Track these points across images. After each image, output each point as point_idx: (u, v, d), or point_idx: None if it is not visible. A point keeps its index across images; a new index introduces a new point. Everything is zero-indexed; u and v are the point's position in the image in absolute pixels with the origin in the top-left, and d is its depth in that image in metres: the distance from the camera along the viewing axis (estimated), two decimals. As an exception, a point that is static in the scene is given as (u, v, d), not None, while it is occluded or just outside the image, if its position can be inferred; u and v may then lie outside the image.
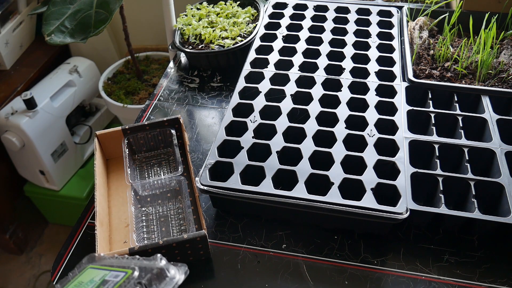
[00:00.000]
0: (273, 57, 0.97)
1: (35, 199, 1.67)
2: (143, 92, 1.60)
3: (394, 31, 1.03)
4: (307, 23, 1.07)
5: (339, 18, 1.08)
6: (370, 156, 0.74)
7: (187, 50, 1.05)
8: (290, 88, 0.89)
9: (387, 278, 0.67)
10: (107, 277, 0.49)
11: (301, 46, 0.99)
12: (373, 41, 1.00)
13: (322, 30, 1.04)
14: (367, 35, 1.02)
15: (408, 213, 0.66)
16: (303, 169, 0.72)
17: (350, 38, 1.01)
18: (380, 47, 0.98)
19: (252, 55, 0.98)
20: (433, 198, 0.73)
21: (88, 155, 1.72)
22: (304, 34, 1.03)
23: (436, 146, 0.77)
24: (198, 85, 1.05)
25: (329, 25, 1.06)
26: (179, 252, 0.67)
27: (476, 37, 1.00)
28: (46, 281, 1.60)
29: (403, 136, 0.78)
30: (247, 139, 0.78)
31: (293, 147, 0.76)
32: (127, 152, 0.80)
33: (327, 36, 1.02)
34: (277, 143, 0.77)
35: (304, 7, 1.13)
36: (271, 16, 1.11)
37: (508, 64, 0.92)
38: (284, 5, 1.14)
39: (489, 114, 0.82)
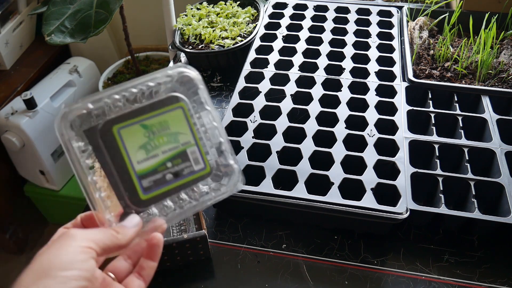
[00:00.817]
0: (273, 57, 0.97)
1: (35, 199, 1.67)
2: (143, 92, 1.59)
3: (394, 31, 1.03)
4: (307, 23, 1.07)
5: (339, 18, 1.08)
6: (370, 156, 0.74)
7: (187, 50, 1.05)
8: (290, 88, 0.89)
9: (387, 278, 0.67)
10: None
11: (301, 46, 0.99)
12: (373, 41, 1.00)
13: (322, 30, 1.04)
14: (367, 35, 1.02)
15: (408, 213, 0.66)
16: (303, 169, 0.72)
17: (350, 38, 1.01)
18: (380, 47, 0.98)
19: (252, 55, 0.98)
20: (433, 198, 0.73)
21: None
22: (304, 34, 1.03)
23: (436, 146, 0.77)
24: (198, 85, 1.05)
25: (329, 25, 1.06)
26: (179, 252, 0.67)
27: (476, 37, 1.00)
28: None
29: (403, 136, 0.78)
30: (247, 139, 0.78)
31: (293, 147, 0.76)
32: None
33: (327, 36, 1.02)
34: (277, 143, 0.77)
35: (304, 7, 1.13)
36: (271, 16, 1.11)
37: (508, 64, 0.92)
38: (284, 5, 1.14)
39: (489, 114, 0.82)
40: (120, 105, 0.42)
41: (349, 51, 0.97)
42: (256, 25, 1.08)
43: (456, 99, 0.86)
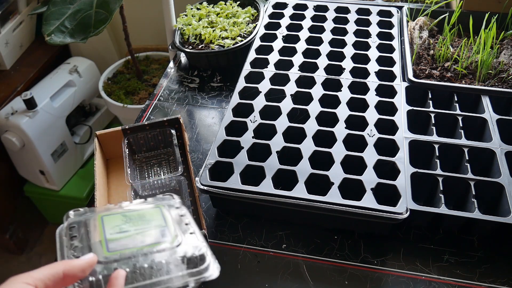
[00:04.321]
0: (273, 57, 0.97)
1: (35, 199, 1.67)
2: (143, 92, 1.59)
3: (394, 31, 1.03)
4: (307, 23, 1.07)
5: (339, 18, 1.08)
6: (370, 156, 0.74)
7: (187, 50, 1.05)
8: (290, 88, 0.89)
9: (387, 278, 0.67)
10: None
11: (301, 46, 0.99)
12: (373, 41, 1.00)
13: (322, 30, 1.04)
14: (367, 35, 1.02)
15: (408, 213, 0.66)
16: (303, 169, 0.72)
17: (350, 38, 1.01)
18: (380, 47, 0.98)
19: (252, 55, 0.98)
20: (433, 198, 0.73)
21: (88, 155, 1.72)
22: (304, 34, 1.03)
23: (436, 146, 0.77)
24: (198, 85, 1.05)
25: (329, 25, 1.06)
26: (179, 252, 0.67)
27: (476, 37, 1.00)
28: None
29: (403, 136, 0.78)
30: (247, 139, 0.78)
31: (293, 147, 0.76)
32: (127, 152, 0.80)
33: (327, 36, 1.02)
34: (277, 143, 0.77)
35: (304, 7, 1.13)
36: (271, 16, 1.11)
37: (508, 64, 0.92)
38: (284, 5, 1.14)
39: (489, 114, 0.82)
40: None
41: (349, 51, 0.97)
42: (256, 25, 1.08)
43: (456, 99, 0.86)
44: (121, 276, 0.43)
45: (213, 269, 0.46)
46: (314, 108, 0.84)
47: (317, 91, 0.88)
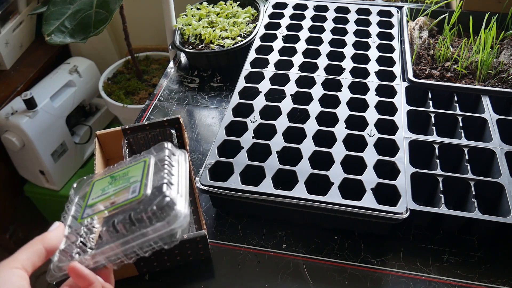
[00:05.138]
0: (273, 57, 0.97)
1: (35, 199, 1.67)
2: (143, 92, 1.60)
3: (394, 31, 1.03)
4: (307, 23, 1.07)
5: (339, 18, 1.08)
6: (370, 156, 0.74)
7: (187, 50, 1.05)
8: (290, 88, 0.89)
9: (387, 278, 0.67)
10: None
11: (301, 46, 0.99)
12: (373, 41, 1.00)
13: (322, 30, 1.04)
14: (367, 35, 1.02)
15: (408, 213, 0.66)
16: (303, 169, 0.72)
17: (350, 38, 1.01)
18: (380, 47, 0.98)
19: (252, 55, 0.98)
20: (433, 198, 0.73)
21: (88, 155, 1.72)
22: (304, 34, 1.03)
23: (436, 146, 0.77)
24: (198, 85, 1.05)
25: (329, 25, 1.06)
26: (179, 252, 0.67)
27: (476, 37, 1.00)
28: (46, 281, 1.60)
29: (403, 136, 0.78)
30: (247, 139, 0.78)
31: (293, 147, 0.76)
32: (127, 152, 0.80)
33: (327, 36, 1.02)
34: (277, 143, 0.77)
35: (304, 7, 1.13)
36: (271, 16, 1.11)
37: (508, 64, 0.92)
38: (284, 5, 1.14)
39: (489, 114, 0.82)
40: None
41: (349, 51, 0.97)
42: (256, 25, 1.08)
43: (456, 99, 0.86)
44: (76, 268, 0.44)
45: (180, 223, 0.44)
46: (314, 108, 0.84)
47: (317, 91, 0.88)
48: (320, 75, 0.91)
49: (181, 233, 0.45)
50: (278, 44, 1.01)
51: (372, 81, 0.90)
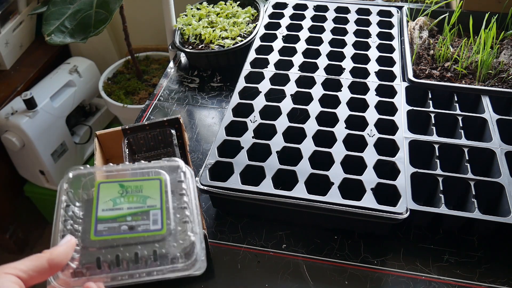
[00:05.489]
0: (273, 57, 0.97)
1: (35, 199, 1.67)
2: (143, 92, 1.60)
3: (394, 31, 1.03)
4: (307, 23, 1.07)
5: (339, 18, 1.08)
6: (370, 156, 0.74)
7: (187, 50, 1.05)
8: (290, 88, 0.89)
9: (387, 278, 0.67)
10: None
11: (301, 46, 0.99)
12: (373, 41, 1.00)
13: (322, 30, 1.04)
14: (367, 35, 1.02)
15: (408, 213, 0.66)
16: (303, 169, 0.72)
17: (350, 38, 1.01)
18: (380, 47, 0.98)
19: (252, 55, 0.98)
20: (433, 198, 0.73)
21: (88, 155, 1.72)
22: (304, 34, 1.03)
23: (436, 146, 0.77)
24: (198, 85, 1.05)
25: (329, 25, 1.06)
26: (179, 252, 0.66)
27: (476, 37, 1.00)
28: (46, 281, 1.60)
29: (403, 136, 0.78)
30: (247, 139, 0.78)
31: (293, 147, 0.76)
32: (127, 152, 0.80)
33: (327, 36, 1.02)
34: (277, 143, 0.77)
35: (304, 7, 1.13)
36: (271, 16, 1.11)
37: (508, 64, 0.92)
38: (284, 5, 1.14)
39: (489, 114, 0.82)
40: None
41: (349, 51, 0.97)
42: (256, 25, 1.08)
43: (456, 99, 0.86)
44: None
45: (199, 266, 0.44)
46: (314, 108, 0.84)
47: (317, 91, 0.88)
48: (320, 75, 0.91)
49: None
50: (278, 44, 1.01)
51: (372, 81, 0.90)
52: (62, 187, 0.50)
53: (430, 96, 0.87)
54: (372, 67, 0.93)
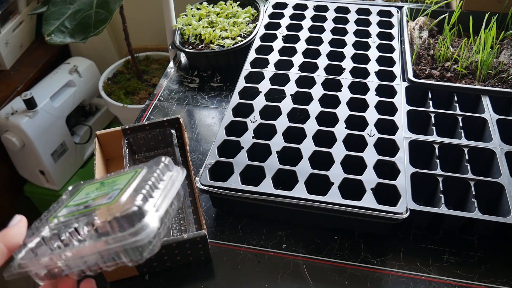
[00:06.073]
0: (273, 57, 0.97)
1: (35, 199, 1.67)
2: (143, 92, 1.60)
3: (394, 31, 1.03)
4: (307, 23, 1.07)
5: (339, 18, 1.08)
6: (370, 156, 0.74)
7: (187, 50, 1.05)
8: (290, 88, 0.89)
9: (387, 278, 0.67)
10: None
11: (301, 46, 0.99)
12: (373, 41, 1.00)
13: (322, 30, 1.04)
14: (367, 35, 1.02)
15: (408, 213, 0.66)
16: (303, 169, 0.72)
17: (350, 38, 1.01)
18: (380, 47, 0.98)
19: (252, 55, 0.98)
20: (433, 198, 0.73)
21: (88, 155, 1.72)
22: (304, 34, 1.03)
23: (436, 146, 0.77)
24: (198, 85, 1.05)
25: (329, 25, 1.06)
26: (179, 252, 0.67)
27: (476, 37, 1.00)
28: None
29: (403, 136, 0.78)
30: (247, 139, 0.78)
31: (293, 147, 0.76)
32: (127, 152, 0.80)
33: (327, 36, 1.02)
34: (277, 143, 0.77)
35: (304, 7, 1.13)
36: (271, 16, 1.11)
37: (508, 64, 0.92)
38: (284, 5, 1.14)
39: (489, 114, 0.82)
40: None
41: (349, 51, 0.97)
42: (256, 25, 1.08)
43: (456, 99, 0.86)
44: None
45: (146, 234, 0.39)
46: (314, 108, 0.84)
47: (317, 91, 0.88)
48: (320, 75, 0.91)
49: (149, 250, 0.41)
50: (278, 44, 1.01)
51: (372, 81, 0.90)
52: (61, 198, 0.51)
53: (430, 96, 0.87)
54: (372, 67, 0.93)
